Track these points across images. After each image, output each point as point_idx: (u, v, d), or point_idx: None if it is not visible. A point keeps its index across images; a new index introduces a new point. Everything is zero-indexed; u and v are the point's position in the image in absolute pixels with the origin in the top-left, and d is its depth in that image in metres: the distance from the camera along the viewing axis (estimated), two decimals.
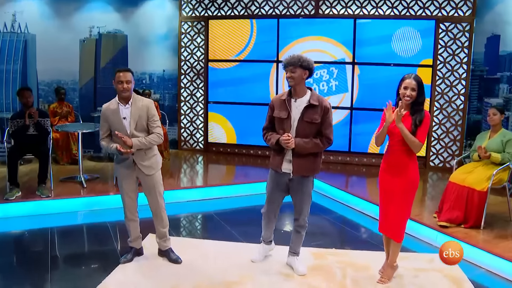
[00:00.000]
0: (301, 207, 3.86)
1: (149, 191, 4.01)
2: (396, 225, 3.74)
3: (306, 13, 7.51)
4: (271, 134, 3.75)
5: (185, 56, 8.06)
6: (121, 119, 3.81)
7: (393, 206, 3.71)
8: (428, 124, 3.58)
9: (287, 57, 3.69)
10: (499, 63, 6.69)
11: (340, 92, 7.53)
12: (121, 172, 3.96)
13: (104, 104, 3.91)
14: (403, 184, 3.64)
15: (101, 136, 3.93)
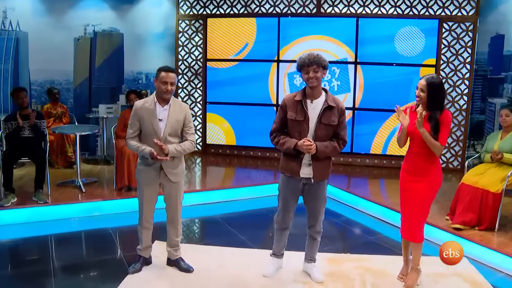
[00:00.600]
0: (318, 212, 3.72)
1: (170, 198, 3.79)
2: (414, 225, 3.65)
3: (308, 12, 7.38)
4: (284, 138, 3.55)
5: (183, 56, 7.86)
6: (156, 120, 3.59)
7: (413, 207, 3.62)
8: (448, 125, 3.47)
9: (308, 56, 3.44)
10: (503, 63, 6.67)
11: (342, 92, 7.41)
12: (144, 178, 3.71)
13: (138, 101, 3.71)
14: (425, 185, 3.56)
15: (130, 135, 3.68)
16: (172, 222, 3.86)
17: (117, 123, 5.97)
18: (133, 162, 5.60)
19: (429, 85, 3.43)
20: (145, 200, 3.75)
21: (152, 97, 3.64)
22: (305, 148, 3.42)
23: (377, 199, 5.77)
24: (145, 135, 3.64)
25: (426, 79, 3.46)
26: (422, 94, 3.46)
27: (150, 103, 3.61)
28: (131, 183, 5.63)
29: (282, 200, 3.74)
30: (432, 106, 3.44)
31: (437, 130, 3.43)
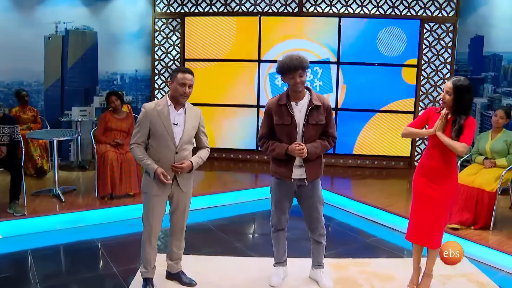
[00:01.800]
0: (318, 213, 3.59)
1: (178, 209, 3.50)
2: (433, 231, 3.52)
3: (290, 11, 7.26)
4: (274, 144, 3.40)
5: (159, 55, 7.55)
6: (170, 125, 3.29)
7: (431, 212, 3.49)
8: (473, 128, 3.32)
9: (291, 60, 3.26)
10: (483, 63, 6.78)
11: (324, 92, 7.33)
12: (156, 189, 3.35)
13: (148, 104, 3.36)
14: (442, 190, 3.44)
15: (135, 141, 3.32)
16: (176, 234, 3.58)
17: (97, 126, 5.63)
18: (117, 168, 5.30)
19: (456, 88, 3.26)
20: (155, 213, 3.40)
21: (165, 100, 3.34)
22: (297, 153, 3.30)
23: (366, 200, 5.72)
24: (157, 140, 3.31)
25: (453, 81, 3.30)
26: (447, 97, 3.30)
27: (163, 106, 3.31)
28: (114, 191, 5.32)
29: (275, 202, 3.61)
30: (458, 110, 3.29)
31: (459, 134, 3.28)
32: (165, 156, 3.30)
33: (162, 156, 3.30)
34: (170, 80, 3.32)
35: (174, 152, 3.31)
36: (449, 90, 3.31)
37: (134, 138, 3.33)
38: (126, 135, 5.64)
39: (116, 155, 5.33)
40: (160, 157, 3.30)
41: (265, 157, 7.59)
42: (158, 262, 3.76)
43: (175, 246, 3.61)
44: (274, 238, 3.73)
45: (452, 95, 3.30)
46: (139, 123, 3.31)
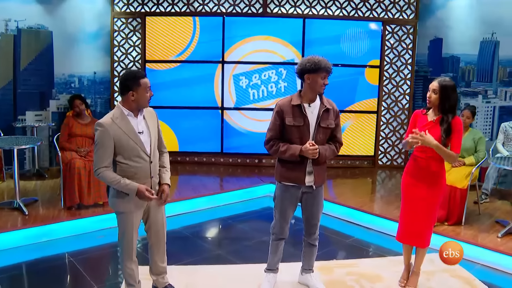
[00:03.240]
0: (317, 219, 3.57)
1: (157, 221, 3.28)
2: (422, 231, 3.60)
3: (254, 12, 7.18)
4: (284, 145, 3.32)
5: (119, 56, 7.22)
6: (137, 135, 3.03)
7: (420, 212, 3.56)
8: (461, 132, 3.41)
9: (327, 63, 3.24)
10: (443, 64, 7.05)
11: (289, 93, 7.30)
12: (133, 207, 3.09)
13: (103, 120, 2.98)
14: (431, 190, 3.51)
15: (102, 164, 2.97)
16: (158, 247, 3.36)
17: (61, 132, 5.28)
18: (85, 176, 4.98)
19: (442, 87, 3.35)
20: (135, 230, 3.16)
21: (119, 110, 3.02)
22: (310, 152, 3.24)
23: (339, 201, 5.75)
24: (126, 155, 3.02)
25: (438, 81, 3.39)
26: (433, 95, 3.38)
27: (121, 118, 3.00)
28: (82, 200, 5.00)
29: (280, 211, 3.51)
30: (445, 109, 3.37)
31: (448, 133, 3.37)
32: (141, 169, 3.06)
33: (138, 170, 3.05)
34: (132, 91, 2.98)
35: (149, 162, 3.10)
36: (435, 89, 3.39)
37: (100, 162, 2.98)
38: (92, 141, 5.32)
39: (84, 163, 5.01)
40: (136, 171, 3.04)
41: (230, 159, 7.50)
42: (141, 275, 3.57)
43: (159, 260, 3.40)
44: (273, 246, 3.63)
45: (438, 94, 3.37)
46: (101, 144, 2.96)
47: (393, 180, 7.03)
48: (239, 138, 7.48)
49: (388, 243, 4.88)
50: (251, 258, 4.32)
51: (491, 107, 6.47)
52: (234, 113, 7.42)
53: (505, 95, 6.39)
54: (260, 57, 7.27)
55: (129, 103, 3.02)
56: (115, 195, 3.08)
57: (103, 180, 3.01)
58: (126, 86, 3.00)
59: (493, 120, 6.49)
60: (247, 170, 7.27)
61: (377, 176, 7.28)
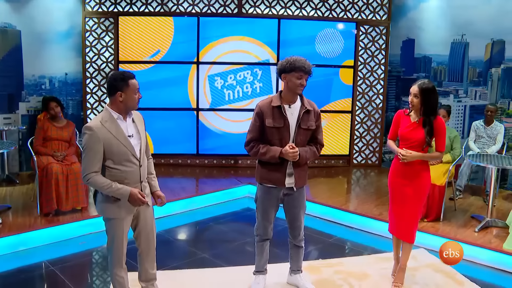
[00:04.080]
0: (300, 220, 3.58)
1: (146, 225, 3.19)
2: (409, 226, 3.71)
3: (229, 12, 7.14)
4: (264, 147, 3.31)
5: (91, 57, 7.02)
6: (126, 139, 2.94)
7: (406, 209, 3.67)
8: (444, 131, 3.55)
9: (306, 63, 3.23)
10: (415, 64, 7.24)
11: (264, 94, 7.33)
12: (124, 212, 3.00)
13: (92, 123, 2.88)
14: (416, 187, 3.62)
15: (92, 169, 2.86)
16: (148, 253, 3.27)
17: (35, 136, 5.08)
18: (63, 181, 4.82)
19: (422, 90, 3.46)
20: (125, 236, 3.07)
21: (108, 113, 2.93)
22: (290, 155, 3.24)
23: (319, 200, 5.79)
24: (116, 159, 2.92)
25: (418, 85, 3.50)
26: (415, 100, 3.50)
27: (110, 121, 2.92)
28: (60, 206, 4.83)
29: (262, 212, 3.50)
30: (427, 111, 3.49)
31: (431, 134, 3.50)
32: (131, 173, 2.98)
33: (128, 175, 2.97)
34: (120, 91, 2.90)
35: (139, 166, 3.02)
36: (416, 93, 3.51)
37: (89, 167, 2.87)
38: (68, 145, 5.16)
39: (61, 167, 4.84)
40: (126, 176, 2.96)
41: (206, 161, 7.44)
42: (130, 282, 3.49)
43: (150, 267, 3.31)
44: (259, 247, 3.62)
45: (419, 97, 3.49)
46: (90, 149, 2.86)
47: (368, 179, 7.15)
48: (215, 139, 7.43)
49: (370, 241, 4.98)
50: (237, 260, 4.30)
51: (462, 106, 6.69)
52: (209, 114, 7.37)
53: (475, 94, 6.63)
54: (235, 57, 7.25)
55: (117, 104, 2.93)
56: (104, 200, 2.98)
57: (93, 186, 2.92)
58: (114, 87, 2.91)
59: (464, 119, 6.72)
60: (223, 171, 7.23)
61: (352, 175, 7.39)
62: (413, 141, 3.54)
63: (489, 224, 4.87)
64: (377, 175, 7.26)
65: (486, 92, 6.54)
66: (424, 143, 3.51)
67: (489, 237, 4.64)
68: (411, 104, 3.55)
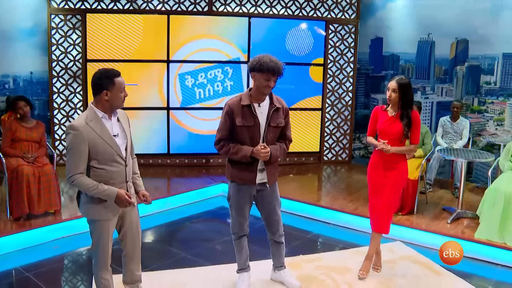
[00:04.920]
0: (278, 215, 3.61)
1: (132, 226, 3.14)
2: (384, 218, 3.86)
3: (199, 10, 7.08)
4: (235, 146, 3.31)
5: (57, 55, 6.79)
6: (112, 139, 2.87)
7: (383, 200, 3.82)
8: (419, 124, 3.75)
9: (276, 64, 3.19)
10: (383, 62, 7.42)
11: (235, 92, 7.31)
12: (109, 214, 2.94)
13: (76, 122, 2.79)
14: (394, 179, 3.79)
15: (77, 170, 2.79)
16: (133, 255, 3.22)
17: (3, 138, 4.87)
18: (34, 184, 4.65)
19: (401, 86, 3.64)
20: (111, 238, 3.01)
21: (93, 112, 2.86)
22: (262, 155, 3.27)
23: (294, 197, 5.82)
24: (101, 159, 2.85)
25: (396, 80, 3.66)
26: (394, 94, 3.66)
27: (95, 120, 2.84)
28: (32, 209, 4.65)
29: (236, 209, 3.51)
30: (404, 105, 3.67)
31: (410, 126, 3.68)
32: (117, 173, 2.93)
33: (114, 175, 2.91)
34: (106, 90, 2.83)
35: (124, 166, 2.97)
36: (395, 88, 3.67)
37: (74, 168, 2.79)
38: (38, 146, 4.97)
39: (33, 169, 4.66)
40: (112, 176, 2.90)
41: (177, 160, 7.36)
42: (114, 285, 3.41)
43: (135, 268, 3.27)
44: (237, 245, 3.63)
45: (397, 92, 3.65)
46: (75, 149, 2.78)
47: (339, 175, 7.28)
48: (186, 139, 7.36)
49: (347, 236, 5.08)
50: (218, 259, 4.29)
51: (429, 103, 6.92)
52: (180, 113, 7.28)
53: (442, 91, 6.87)
54: (206, 56, 7.19)
55: (102, 103, 2.86)
56: (89, 201, 2.90)
57: (79, 187, 2.84)
58: (99, 85, 2.84)
59: (431, 115, 6.95)
60: (195, 170, 7.17)
61: (323, 171, 7.49)
62: (392, 134, 3.71)
63: (460, 215, 5.07)
64: (347, 172, 7.39)
65: (452, 89, 6.79)
66: (402, 135, 3.70)
67: (461, 228, 4.83)
68: (389, 99, 3.71)
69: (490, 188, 4.64)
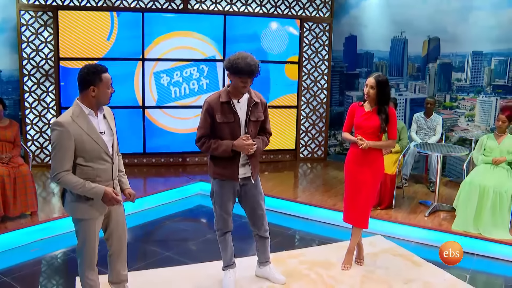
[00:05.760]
0: (262, 210, 3.64)
1: (118, 225, 3.09)
2: (363, 213, 3.95)
3: (174, 8, 7.01)
4: (216, 142, 3.32)
5: (28, 53, 6.58)
6: (98, 136, 2.82)
7: (362, 195, 3.91)
8: (395, 119, 3.86)
9: (253, 65, 3.21)
10: (357, 60, 7.53)
11: (211, 90, 7.27)
12: (95, 212, 2.88)
13: (62, 118, 2.73)
14: (372, 173, 3.88)
15: (63, 168, 2.73)
16: (120, 254, 3.16)
17: None
18: (10, 185, 4.51)
19: (378, 82, 3.74)
20: (97, 237, 2.95)
21: (79, 108, 2.80)
22: (246, 147, 3.29)
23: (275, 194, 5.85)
24: (87, 156, 2.80)
25: (375, 77, 3.76)
26: (371, 91, 3.76)
27: (81, 116, 2.79)
28: (7, 211, 4.52)
29: (220, 205, 3.52)
30: (382, 101, 3.77)
31: (387, 121, 3.77)
32: (103, 171, 2.88)
33: (100, 173, 2.86)
34: (93, 86, 2.79)
35: (111, 164, 2.93)
36: (372, 85, 3.77)
37: (60, 165, 2.74)
38: (13, 146, 4.82)
39: (8, 170, 4.51)
40: (98, 174, 2.85)
41: (153, 159, 7.28)
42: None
43: (122, 268, 3.21)
44: (222, 241, 3.63)
45: (375, 89, 3.74)
46: (60, 146, 2.72)
47: (315, 172, 7.36)
48: (162, 137, 7.27)
49: (327, 231, 5.14)
50: (202, 257, 4.27)
51: (403, 99, 7.08)
52: (155, 112, 7.20)
53: (415, 88, 7.04)
54: (181, 54, 7.13)
55: (89, 99, 2.81)
56: (75, 199, 2.84)
57: (65, 185, 2.78)
58: (86, 81, 2.80)
59: (405, 111, 7.11)
60: (172, 169, 7.11)
61: (299, 168, 7.55)
62: (368, 128, 3.81)
63: (437, 209, 5.22)
64: (323, 168, 7.48)
65: (424, 86, 6.97)
66: (378, 130, 3.80)
67: (438, 220, 4.98)
68: (367, 95, 3.81)
69: (465, 181, 4.80)
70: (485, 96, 6.48)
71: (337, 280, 3.83)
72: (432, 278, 3.90)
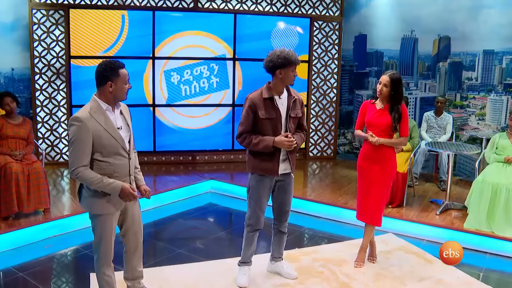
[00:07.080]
0: (290, 205, 3.70)
1: (134, 220, 3.11)
2: (377, 210, 3.94)
3: (185, 6, 7.03)
4: (257, 138, 3.39)
5: (40, 52, 6.62)
6: (116, 131, 2.84)
7: (374, 193, 3.91)
8: (407, 117, 3.86)
9: (295, 55, 3.37)
10: (367, 59, 7.53)
11: (221, 89, 7.33)
12: (112, 208, 2.90)
13: (80, 114, 2.75)
14: (384, 171, 3.88)
15: (81, 163, 2.75)
16: (136, 250, 3.19)
17: None
18: (23, 182, 4.54)
19: (393, 80, 3.73)
20: (113, 232, 2.98)
21: (96, 104, 2.84)
22: (287, 144, 3.36)
23: None
24: (105, 152, 2.82)
25: (389, 75, 3.75)
26: (385, 88, 3.75)
27: (99, 112, 2.82)
28: (21, 208, 4.54)
29: (256, 201, 3.55)
30: (395, 99, 3.77)
31: (400, 119, 3.77)
32: (120, 167, 2.90)
33: (117, 168, 2.88)
34: (110, 81, 2.81)
35: (128, 159, 2.95)
36: (386, 83, 3.75)
37: (78, 160, 2.75)
38: (26, 143, 4.85)
39: (22, 167, 4.55)
40: (115, 169, 2.87)
41: (163, 158, 7.30)
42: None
43: (138, 265, 3.24)
44: (249, 238, 3.65)
45: (389, 87, 3.74)
46: (79, 141, 2.74)
47: (324, 171, 7.35)
48: (172, 136, 7.31)
49: (339, 229, 5.14)
50: (214, 254, 4.29)
51: (413, 98, 7.07)
52: (166, 110, 7.23)
53: (425, 87, 7.03)
54: (192, 52, 7.16)
55: (106, 95, 2.85)
56: (92, 195, 2.86)
57: (82, 180, 2.80)
58: (104, 77, 2.82)
59: (415, 110, 7.10)
60: (181, 167, 7.13)
61: (308, 167, 7.55)
62: (380, 126, 3.81)
63: (448, 207, 5.22)
64: (333, 167, 7.48)
65: (435, 85, 6.96)
66: (389, 128, 3.80)
67: (450, 219, 4.97)
68: (380, 92, 3.80)
69: (478, 180, 4.79)
70: (496, 95, 6.46)
71: (350, 277, 3.84)
72: (445, 276, 3.90)
